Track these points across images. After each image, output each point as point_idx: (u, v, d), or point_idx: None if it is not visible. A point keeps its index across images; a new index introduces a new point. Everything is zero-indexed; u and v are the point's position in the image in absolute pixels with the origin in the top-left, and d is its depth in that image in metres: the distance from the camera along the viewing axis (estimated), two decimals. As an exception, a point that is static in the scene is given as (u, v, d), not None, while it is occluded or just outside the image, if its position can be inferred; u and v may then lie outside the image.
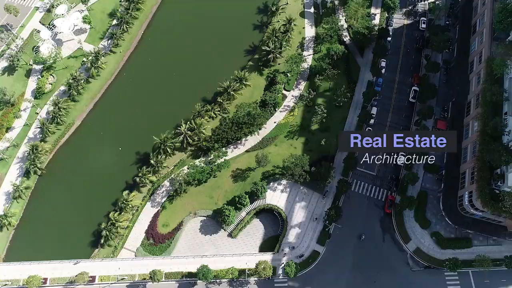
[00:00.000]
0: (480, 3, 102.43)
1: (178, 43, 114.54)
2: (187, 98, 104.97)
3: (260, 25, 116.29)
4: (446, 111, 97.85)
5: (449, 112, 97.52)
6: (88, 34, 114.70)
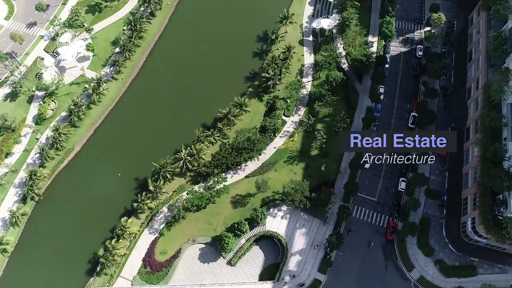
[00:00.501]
0: (475, 31, 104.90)
1: (179, 70, 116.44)
2: (187, 124, 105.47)
3: (260, 52, 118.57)
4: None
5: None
6: (91, 62, 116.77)
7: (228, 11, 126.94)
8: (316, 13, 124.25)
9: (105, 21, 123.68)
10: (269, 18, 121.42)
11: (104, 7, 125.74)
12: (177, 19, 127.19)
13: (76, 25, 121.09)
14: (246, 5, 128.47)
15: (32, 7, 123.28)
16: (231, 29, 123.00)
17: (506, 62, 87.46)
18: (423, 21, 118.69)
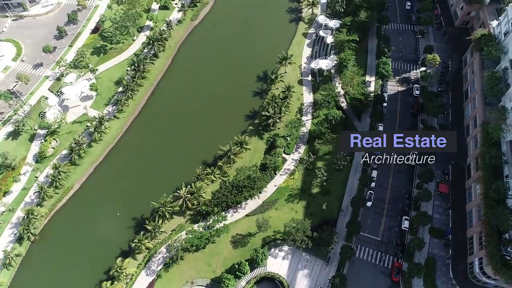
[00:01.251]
0: (469, 71, 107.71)
1: (180, 108, 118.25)
2: (187, 162, 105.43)
3: (260, 92, 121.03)
4: (447, 174, 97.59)
5: (449, 175, 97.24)
6: (94, 101, 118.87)
7: (229, 52, 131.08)
8: (314, 54, 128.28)
9: (109, 62, 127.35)
10: (268, 59, 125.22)
11: (109, 49, 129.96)
12: (179, 60, 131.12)
13: (81, 66, 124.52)
14: (247, 47, 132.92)
15: (40, 49, 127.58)
16: (231, 70, 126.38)
17: (502, 100, 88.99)
18: (418, 61, 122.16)
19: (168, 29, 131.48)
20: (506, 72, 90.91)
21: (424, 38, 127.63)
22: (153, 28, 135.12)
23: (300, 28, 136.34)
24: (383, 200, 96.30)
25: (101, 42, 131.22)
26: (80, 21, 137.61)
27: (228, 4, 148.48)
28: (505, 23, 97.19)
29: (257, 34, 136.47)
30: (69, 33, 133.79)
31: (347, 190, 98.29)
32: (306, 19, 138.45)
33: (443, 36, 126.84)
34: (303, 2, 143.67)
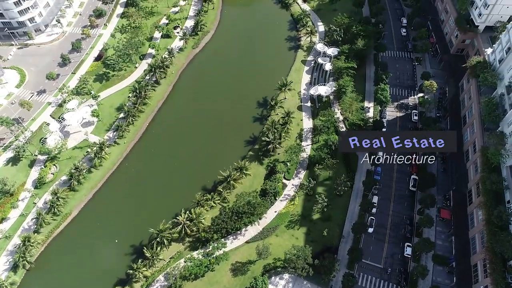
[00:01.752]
0: (467, 97, 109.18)
1: (181, 134, 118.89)
2: (187, 188, 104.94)
3: (260, 117, 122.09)
4: (448, 200, 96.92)
5: (451, 200, 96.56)
6: (95, 127, 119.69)
7: (229, 79, 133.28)
8: (313, 81, 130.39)
9: (111, 89, 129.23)
10: (268, 85, 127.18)
11: (112, 76, 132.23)
12: (180, 86, 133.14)
13: (84, 93, 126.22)
14: (247, 74, 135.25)
15: (43, 76, 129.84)
16: (232, 96, 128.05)
17: (500, 126, 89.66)
18: (416, 87, 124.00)
19: (170, 57, 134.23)
20: (502, 98, 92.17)
21: (421, 65, 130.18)
22: (155, 55, 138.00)
23: (299, 55, 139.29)
24: (384, 226, 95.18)
25: (104, 69, 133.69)
26: (83, 49, 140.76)
27: (229, 33, 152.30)
28: (499, 51, 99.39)
29: (257, 61, 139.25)
30: (72, 60, 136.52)
31: (348, 216, 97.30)
32: (305, 47, 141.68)
33: (439, 63, 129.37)
34: (301, 30, 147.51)
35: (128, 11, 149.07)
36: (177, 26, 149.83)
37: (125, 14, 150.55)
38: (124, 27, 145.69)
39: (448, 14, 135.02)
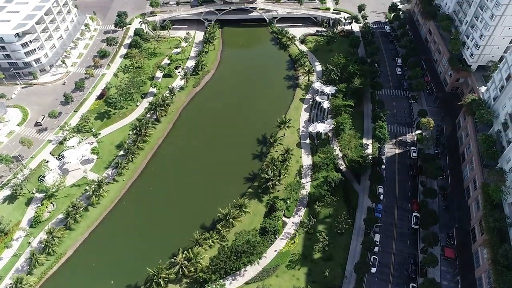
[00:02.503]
0: (464, 134, 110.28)
1: (180, 171, 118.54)
2: (185, 226, 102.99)
3: (259, 154, 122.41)
4: (452, 238, 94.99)
5: (454, 238, 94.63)
6: (94, 164, 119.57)
7: (229, 116, 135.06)
8: (312, 118, 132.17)
9: (112, 126, 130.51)
10: (267, 123, 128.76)
11: (113, 114, 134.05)
12: (180, 124, 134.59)
13: (84, 130, 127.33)
14: (246, 111, 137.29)
15: (45, 115, 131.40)
16: (231, 133, 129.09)
17: (499, 162, 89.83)
18: (413, 124, 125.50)
19: (171, 95, 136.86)
20: (499, 134, 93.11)
21: (417, 102, 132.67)
22: (156, 94, 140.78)
23: (297, 94, 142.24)
24: (388, 265, 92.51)
25: (106, 107, 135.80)
26: (86, 88, 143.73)
27: (229, 72, 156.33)
28: (493, 89, 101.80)
29: (256, 99, 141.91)
30: (75, 99, 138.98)
31: (350, 255, 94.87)
32: (303, 85, 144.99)
33: (435, 101, 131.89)
34: (299, 70, 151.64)
35: (131, 52, 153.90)
36: (179, 66, 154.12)
37: (128, 55, 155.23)
38: (127, 67, 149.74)
39: (441, 54, 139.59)
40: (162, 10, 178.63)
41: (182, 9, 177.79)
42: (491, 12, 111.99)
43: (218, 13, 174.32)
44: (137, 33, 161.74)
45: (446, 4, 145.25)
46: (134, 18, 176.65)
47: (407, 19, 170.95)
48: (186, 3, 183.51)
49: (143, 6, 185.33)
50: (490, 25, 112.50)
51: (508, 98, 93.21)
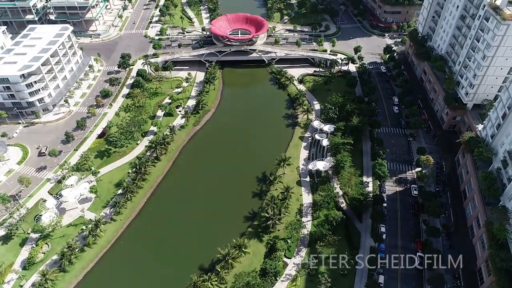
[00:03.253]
0: (464, 171, 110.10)
1: (179, 210, 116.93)
2: (183, 267, 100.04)
3: (259, 192, 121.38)
4: (458, 279, 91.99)
5: (461, 279, 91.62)
6: (92, 203, 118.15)
7: (228, 155, 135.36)
8: (311, 156, 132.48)
9: (112, 165, 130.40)
10: (267, 161, 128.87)
11: (113, 152, 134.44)
12: (180, 162, 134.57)
13: (84, 169, 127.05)
14: (246, 150, 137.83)
15: (47, 145, 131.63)
16: (231, 172, 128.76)
17: (501, 200, 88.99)
18: (412, 162, 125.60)
19: (171, 134, 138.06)
20: (500, 172, 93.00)
21: (416, 140, 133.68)
22: (157, 133, 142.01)
23: (296, 132, 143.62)
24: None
25: (106, 146, 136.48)
26: (88, 127, 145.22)
27: (229, 111, 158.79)
28: (490, 127, 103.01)
29: (256, 137, 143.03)
30: (76, 138, 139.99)
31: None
32: (302, 124, 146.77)
33: (433, 139, 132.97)
34: (298, 109, 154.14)
35: (133, 92, 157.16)
36: (180, 105, 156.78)
37: (130, 95, 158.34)
38: (128, 106, 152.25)
39: (436, 93, 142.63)
40: (164, 52, 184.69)
41: (184, 51, 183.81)
42: (482, 53, 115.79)
43: (218, 55, 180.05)
44: (140, 73, 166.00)
45: (439, 46, 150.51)
46: (137, 59, 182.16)
47: (401, 60, 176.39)
48: (188, 45, 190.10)
49: (146, 48, 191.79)
50: (482, 65, 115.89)
51: (506, 136, 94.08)
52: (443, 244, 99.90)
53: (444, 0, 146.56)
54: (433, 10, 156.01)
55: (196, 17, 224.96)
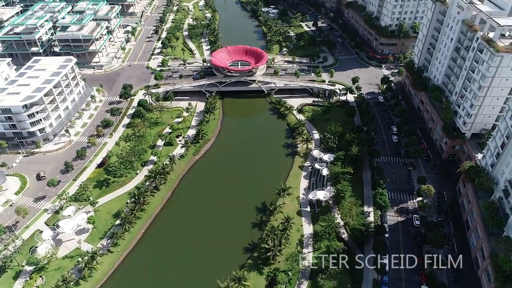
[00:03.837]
0: (466, 201, 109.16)
1: (177, 242, 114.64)
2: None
3: (259, 223, 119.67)
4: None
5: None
6: (89, 234, 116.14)
7: (228, 184, 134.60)
8: (311, 186, 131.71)
9: (110, 195, 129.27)
10: (267, 190, 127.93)
11: (112, 182, 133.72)
12: (180, 192, 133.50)
13: (82, 199, 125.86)
14: (246, 179, 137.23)
15: (44, 183, 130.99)
16: (230, 201, 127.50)
17: (505, 230, 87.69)
18: (413, 191, 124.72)
19: (171, 163, 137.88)
20: (501, 201, 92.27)
21: (416, 169, 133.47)
22: (157, 162, 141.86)
23: (296, 161, 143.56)
24: None
25: (105, 175, 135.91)
26: (87, 157, 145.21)
27: (229, 140, 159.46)
28: (489, 156, 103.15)
29: (256, 167, 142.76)
30: (75, 167, 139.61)
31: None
32: (302, 153, 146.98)
33: (433, 168, 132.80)
34: (298, 138, 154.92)
35: (134, 121, 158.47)
36: (180, 134, 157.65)
37: (131, 124, 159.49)
38: (129, 136, 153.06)
39: (434, 123, 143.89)
40: (165, 82, 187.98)
41: (185, 81, 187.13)
42: (478, 84, 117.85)
43: (219, 85, 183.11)
44: (141, 103, 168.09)
45: (435, 76, 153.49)
46: (138, 90, 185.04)
47: (399, 90, 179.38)
48: (189, 76, 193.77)
49: (148, 79, 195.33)
50: (479, 95, 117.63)
51: (506, 165, 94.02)
52: (448, 276, 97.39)
53: (438, 33, 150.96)
54: (428, 42, 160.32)
55: (197, 49, 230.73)
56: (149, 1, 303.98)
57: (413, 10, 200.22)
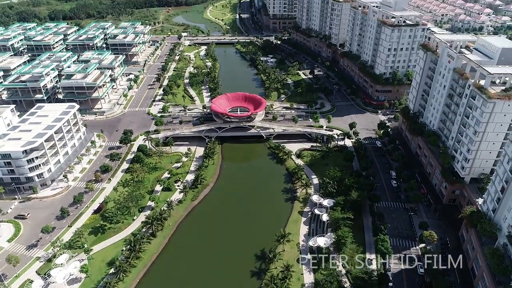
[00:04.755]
0: (470, 247, 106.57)
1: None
2: None
3: (258, 271, 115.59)
4: None
5: None
6: (81, 284, 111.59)
7: (226, 231, 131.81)
8: (311, 232, 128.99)
9: (106, 242, 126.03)
10: (266, 237, 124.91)
11: (108, 228, 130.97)
12: (177, 239, 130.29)
13: (76, 246, 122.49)
14: (244, 225, 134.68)
15: (38, 230, 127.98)
16: (229, 249, 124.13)
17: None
18: (416, 237, 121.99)
19: (169, 209, 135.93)
20: (506, 248, 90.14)
21: (416, 214, 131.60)
22: (154, 208, 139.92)
23: (295, 206, 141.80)
24: None
25: (101, 222, 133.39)
26: (84, 202, 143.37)
27: (227, 186, 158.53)
28: (490, 201, 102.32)
29: (255, 213, 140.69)
30: (71, 213, 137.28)
31: None
32: (301, 198, 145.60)
33: (434, 213, 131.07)
34: (297, 183, 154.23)
35: (133, 166, 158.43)
36: (178, 179, 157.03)
37: (130, 169, 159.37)
38: (127, 181, 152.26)
39: (433, 167, 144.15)
40: (166, 128, 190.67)
41: (185, 127, 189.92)
42: (473, 129, 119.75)
43: (218, 131, 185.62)
44: (141, 149, 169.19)
45: (431, 122, 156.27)
46: (139, 135, 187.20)
47: (396, 135, 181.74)
48: (189, 121, 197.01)
49: (148, 124, 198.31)
50: (475, 140, 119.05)
51: (508, 210, 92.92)
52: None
53: (431, 80, 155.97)
54: (422, 89, 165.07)
55: (198, 95, 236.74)
56: (152, 51, 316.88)
57: (406, 59, 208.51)
